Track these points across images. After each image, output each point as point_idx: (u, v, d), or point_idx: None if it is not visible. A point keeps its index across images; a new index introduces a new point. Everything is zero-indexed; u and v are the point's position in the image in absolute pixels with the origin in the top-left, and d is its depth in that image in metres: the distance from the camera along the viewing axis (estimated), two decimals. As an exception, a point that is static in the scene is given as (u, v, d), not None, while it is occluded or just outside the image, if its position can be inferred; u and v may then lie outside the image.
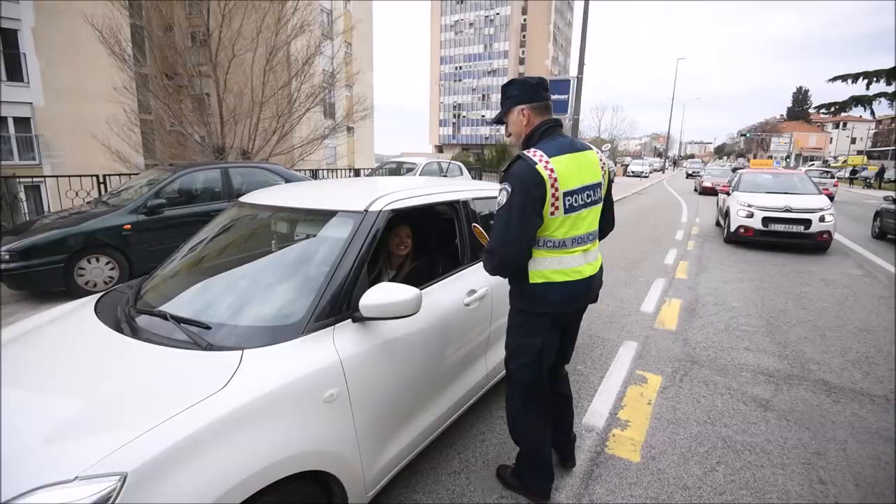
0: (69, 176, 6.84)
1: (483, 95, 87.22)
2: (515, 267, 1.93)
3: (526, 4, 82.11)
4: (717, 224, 11.30)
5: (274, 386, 1.46)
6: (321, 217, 2.14)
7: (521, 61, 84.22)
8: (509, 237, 1.83)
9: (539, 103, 1.97)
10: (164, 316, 1.78)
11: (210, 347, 1.59)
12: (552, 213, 1.85)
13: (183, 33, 11.25)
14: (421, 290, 2.15)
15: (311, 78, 11.59)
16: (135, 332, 1.79)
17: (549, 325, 2.01)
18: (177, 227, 5.65)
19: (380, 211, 2.04)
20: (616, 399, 3.16)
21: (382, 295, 1.74)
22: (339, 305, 1.76)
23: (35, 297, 5.19)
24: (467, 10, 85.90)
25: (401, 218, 2.47)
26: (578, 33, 12.12)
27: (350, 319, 1.79)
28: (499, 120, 2.07)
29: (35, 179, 10.83)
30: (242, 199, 2.58)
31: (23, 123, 16.51)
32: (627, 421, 2.90)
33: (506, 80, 2.59)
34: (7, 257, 4.77)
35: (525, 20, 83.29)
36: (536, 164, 1.81)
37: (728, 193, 9.95)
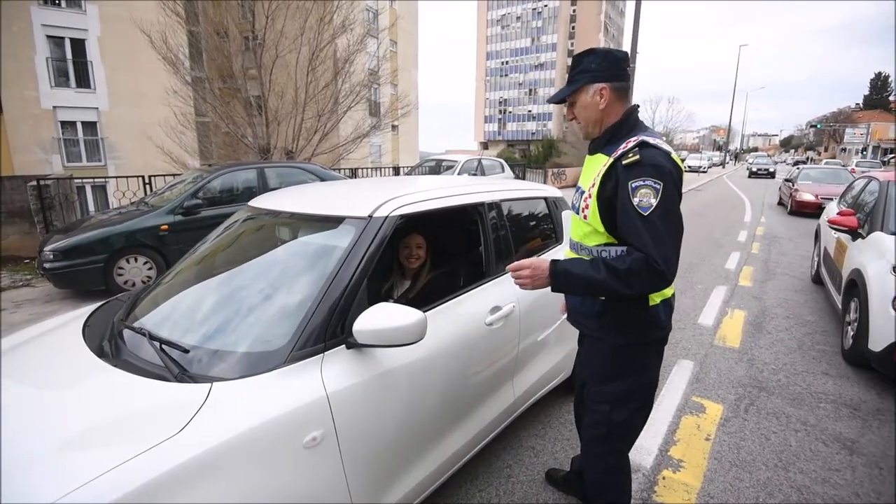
0: (116, 177, 7.07)
1: (530, 90, 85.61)
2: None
3: (575, -5, 79.78)
4: (816, 279, 5.83)
5: (240, 430, 1.22)
6: (320, 224, 1.90)
7: (570, 54, 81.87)
8: (674, 244, 1.41)
9: (621, 83, 1.55)
10: (145, 334, 1.60)
11: (182, 377, 1.38)
12: None
13: (236, 38, 11.52)
14: (435, 307, 1.90)
15: (350, 76, 11.56)
16: (116, 353, 1.62)
17: (660, 352, 1.68)
18: (212, 227, 5.60)
19: (386, 217, 1.77)
20: (668, 432, 2.74)
21: (379, 318, 1.46)
22: (331, 329, 1.50)
23: (77, 295, 5.34)
24: (514, 3, 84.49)
25: (413, 224, 2.19)
26: (631, 22, 11.40)
27: (344, 345, 1.53)
28: (560, 98, 1.64)
29: (97, 180, 11.41)
30: (251, 202, 2.39)
31: (90, 127, 17.60)
32: (681, 460, 2.50)
33: (554, 73, 2.15)
34: (51, 257, 4.91)
35: (574, 11, 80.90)
36: (671, 151, 1.45)
37: (855, 233, 4.12)
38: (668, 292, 1.61)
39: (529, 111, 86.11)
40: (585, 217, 1.57)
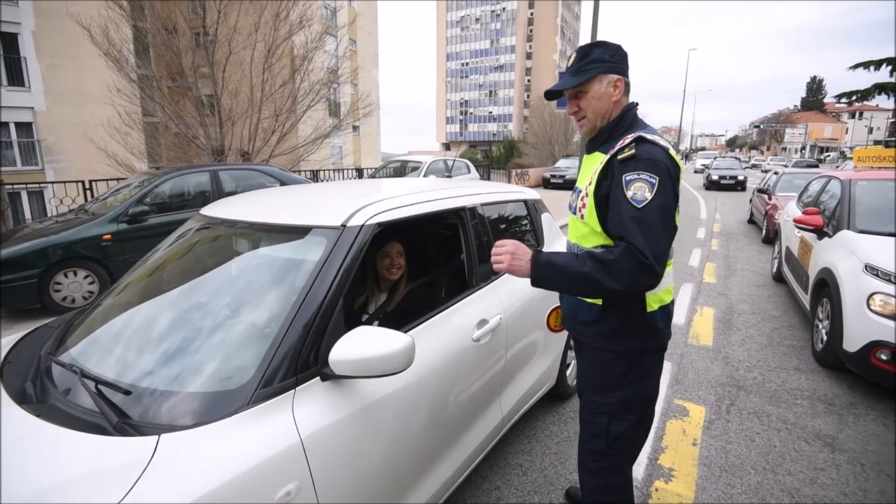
0: (53, 182, 6.47)
1: (490, 91, 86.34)
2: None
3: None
4: (777, 278, 5.84)
5: (197, 494, 1.01)
6: (285, 236, 1.68)
7: (529, 56, 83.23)
8: (666, 241, 1.35)
9: (628, 80, 1.51)
10: (76, 372, 1.34)
11: (122, 428, 1.14)
12: (675, 213, 1.42)
13: (185, 33, 10.89)
14: (418, 325, 1.73)
15: (309, 75, 11.17)
16: (42, 398, 1.35)
17: (660, 362, 1.61)
18: (161, 237, 5.18)
19: (362, 226, 1.58)
20: (655, 438, 2.67)
21: (359, 346, 1.28)
22: (302, 359, 1.30)
23: (9, 315, 4.81)
24: (473, 5, 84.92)
25: (391, 232, 2.01)
26: (587, 26, 11.57)
27: (318, 377, 1.33)
28: (556, 92, 1.54)
29: (30, 186, 10.49)
30: (203, 210, 2.13)
31: (25, 128, 16.28)
32: (671, 469, 2.42)
33: (513, 75, 2.04)
34: (-24, 273, 4.40)
35: (532, 14, 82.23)
36: (669, 147, 1.39)
37: (821, 232, 4.09)
38: (666, 298, 1.54)
39: (490, 112, 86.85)
40: (583, 217, 1.50)
